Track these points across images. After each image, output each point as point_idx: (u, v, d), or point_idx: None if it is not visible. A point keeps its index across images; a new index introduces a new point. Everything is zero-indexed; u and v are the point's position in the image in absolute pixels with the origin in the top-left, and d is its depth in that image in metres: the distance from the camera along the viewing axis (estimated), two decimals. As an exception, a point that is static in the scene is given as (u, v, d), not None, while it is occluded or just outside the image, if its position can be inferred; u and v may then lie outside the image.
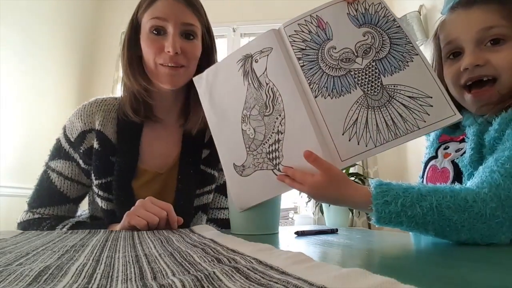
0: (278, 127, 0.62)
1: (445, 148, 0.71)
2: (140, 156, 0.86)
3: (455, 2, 0.69)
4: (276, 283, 0.24)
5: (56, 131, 0.90)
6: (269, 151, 0.63)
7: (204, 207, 0.90)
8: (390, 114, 0.57)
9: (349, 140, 0.58)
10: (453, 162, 0.66)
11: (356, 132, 0.58)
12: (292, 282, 0.24)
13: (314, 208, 2.52)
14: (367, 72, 0.60)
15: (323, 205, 2.33)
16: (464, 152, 0.65)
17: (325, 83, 0.61)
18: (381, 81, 0.59)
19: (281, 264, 0.30)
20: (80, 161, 0.85)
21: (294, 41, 0.65)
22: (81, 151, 0.85)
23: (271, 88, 0.64)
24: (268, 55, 0.66)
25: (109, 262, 0.36)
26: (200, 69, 0.85)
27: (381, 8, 0.63)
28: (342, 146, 0.58)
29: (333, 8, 0.65)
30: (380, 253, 0.50)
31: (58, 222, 0.80)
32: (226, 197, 0.92)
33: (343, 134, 0.58)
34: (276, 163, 0.62)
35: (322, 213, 2.38)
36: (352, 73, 0.61)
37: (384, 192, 0.51)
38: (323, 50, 0.63)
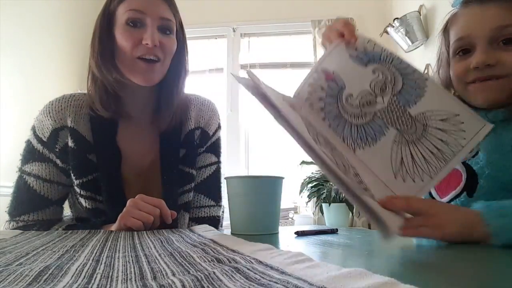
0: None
1: None
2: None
3: None
4: (276, 283, 0.24)
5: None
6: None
7: (185, 205, 0.89)
8: (431, 143, 0.55)
9: (404, 182, 0.55)
10: (463, 163, 0.65)
11: (407, 171, 0.56)
12: (292, 282, 0.24)
13: (314, 208, 2.52)
14: (392, 108, 0.58)
15: (323, 205, 2.33)
16: (477, 153, 0.63)
17: (357, 134, 0.58)
18: (409, 112, 0.58)
19: (281, 264, 0.30)
20: (58, 161, 0.82)
21: (312, 103, 0.61)
22: (57, 150, 0.82)
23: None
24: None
25: (109, 262, 0.36)
26: (171, 66, 0.85)
27: (375, 44, 0.61)
28: (400, 190, 0.55)
29: (334, 55, 0.62)
30: (380, 253, 0.50)
31: (46, 228, 0.77)
32: (205, 195, 0.92)
33: (395, 178, 0.56)
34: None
35: (322, 213, 2.38)
36: (379, 114, 0.59)
37: (496, 209, 0.48)
38: (341, 101, 0.60)
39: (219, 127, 0.98)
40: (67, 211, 0.90)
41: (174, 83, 0.87)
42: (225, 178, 0.72)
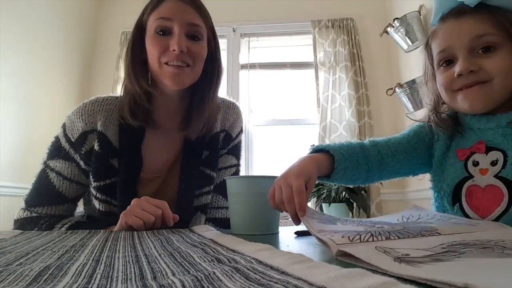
0: None
1: (475, 165, 0.67)
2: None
3: (445, 13, 0.70)
4: (276, 283, 0.24)
5: (55, 130, 0.89)
6: None
7: (202, 207, 0.90)
8: None
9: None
10: (498, 176, 0.63)
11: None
12: (292, 282, 0.24)
13: (314, 208, 2.52)
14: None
15: (323, 205, 2.33)
16: (505, 162, 0.63)
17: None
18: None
19: (281, 264, 0.30)
20: (81, 162, 0.84)
21: (367, 238, 0.46)
22: (83, 152, 0.83)
23: None
24: None
25: (109, 262, 0.36)
26: (205, 72, 0.85)
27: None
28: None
29: (310, 221, 0.55)
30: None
31: (56, 221, 0.79)
32: (224, 196, 0.92)
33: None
34: None
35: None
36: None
37: None
38: (377, 230, 0.50)
39: (241, 130, 0.99)
40: (79, 208, 0.92)
41: (206, 90, 0.87)
42: (224, 178, 0.72)
